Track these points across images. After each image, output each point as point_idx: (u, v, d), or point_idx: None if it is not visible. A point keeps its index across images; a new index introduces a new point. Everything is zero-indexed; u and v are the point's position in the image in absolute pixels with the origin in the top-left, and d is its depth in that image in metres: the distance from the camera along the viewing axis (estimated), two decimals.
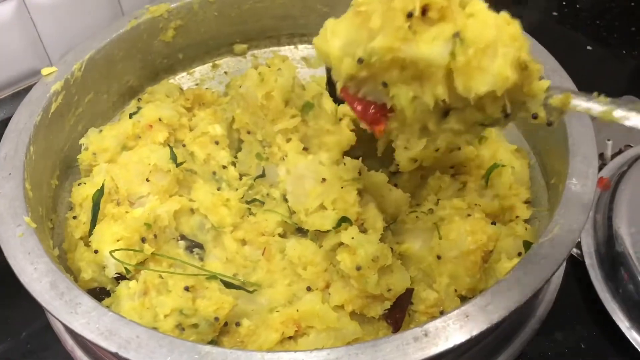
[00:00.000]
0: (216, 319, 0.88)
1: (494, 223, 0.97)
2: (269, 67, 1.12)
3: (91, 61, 1.13)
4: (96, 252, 0.96)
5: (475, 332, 0.74)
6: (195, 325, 0.88)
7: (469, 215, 0.95)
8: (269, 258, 0.99)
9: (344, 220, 0.93)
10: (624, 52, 1.57)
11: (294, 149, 1.07)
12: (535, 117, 0.71)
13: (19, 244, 0.85)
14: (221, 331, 0.92)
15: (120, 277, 0.98)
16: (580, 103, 0.70)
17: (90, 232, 1.00)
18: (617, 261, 1.06)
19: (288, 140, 1.09)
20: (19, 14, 1.29)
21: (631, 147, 1.26)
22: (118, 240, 0.97)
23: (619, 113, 0.67)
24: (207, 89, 1.27)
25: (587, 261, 1.10)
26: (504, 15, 0.68)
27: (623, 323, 1.03)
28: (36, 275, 0.82)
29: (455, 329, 0.74)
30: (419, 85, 0.70)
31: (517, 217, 1.02)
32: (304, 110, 1.11)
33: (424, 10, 0.66)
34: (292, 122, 1.09)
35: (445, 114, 0.73)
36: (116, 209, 1.01)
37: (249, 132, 1.14)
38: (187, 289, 0.90)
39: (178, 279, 0.91)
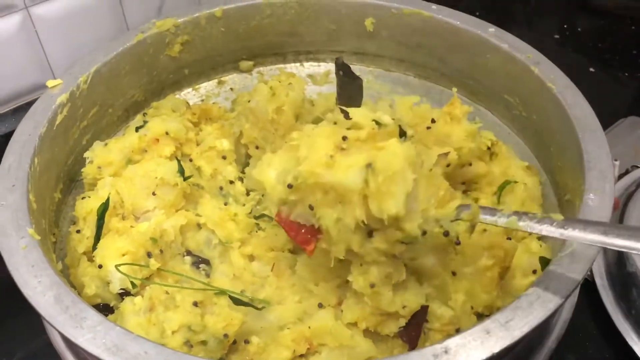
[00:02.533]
0: (225, 335, 0.85)
1: (509, 239, 0.96)
2: (279, 82, 1.10)
3: (97, 74, 1.12)
4: (100, 266, 0.94)
5: (496, 349, 0.71)
6: (203, 342, 0.85)
7: (485, 230, 0.93)
8: (278, 274, 0.97)
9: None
10: (626, 74, 1.59)
11: None
12: (446, 234, 0.80)
13: (23, 256, 0.82)
14: (230, 349, 0.89)
15: (124, 294, 0.95)
16: (486, 217, 0.80)
17: (94, 247, 0.97)
18: (628, 282, 1.05)
19: None
20: (24, 27, 1.28)
21: (638, 167, 1.27)
22: (123, 255, 0.94)
23: (522, 223, 0.77)
24: (214, 103, 1.25)
25: (599, 282, 1.09)
26: (409, 145, 0.78)
27: (637, 344, 1.02)
28: (40, 288, 0.79)
29: (476, 346, 0.72)
30: (341, 208, 0.79)
31: (530, 234, 1.01)
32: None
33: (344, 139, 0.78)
34: None
35: (370, 234, 0.81)
36: (121, 223, 0.99)
37: (257, 147, 1.12)
38: (195, 304, 0.87)
39: (186, 294, 0.88)
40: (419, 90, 1.29)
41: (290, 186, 0.80)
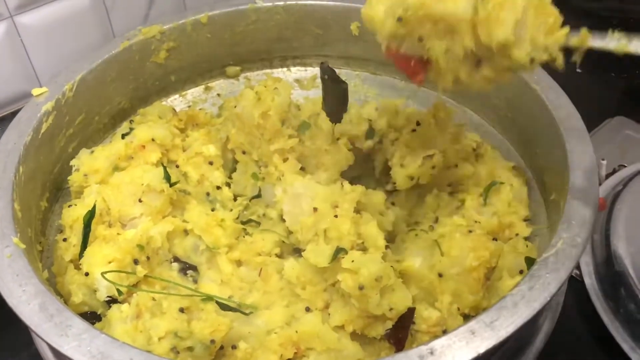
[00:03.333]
0: (212, 341, 0.85)
1: (494, 239, 0.96)
2: (265, 87, 1.11)
3: (83, 82, 1.12)
4: (87, 274, 0.93)
5: (482, 350, 0.71)
6: (190, 349, 0.85)
7: (470, 231, 0.93)
8: (265, 279, 0.97)
9: (339, 252, 0.91)
10: (613, 74, 1.59)
11: (291, 168, 1.06)
12: (554, 60, 0.79)
13: (7, 265, 0.82)
14: (217, 354, 0.89)
15: (111, 301, 0.95)
16: (597, 41, 0.78)
17: (81, 255, 0.97)
18: (617, 281, 1.05)
19: (285, 160, 1.08)
20: (9, 36, 1.27)
21: (625, 166, 1.27)
22: (110, 262, 0.94)
23: (634, 45, 0.76)
24: (200, 109, 1.25)
25: (587, 281, 1.09)
26: None
27: (626, 343, 1.01)
28: (25, 297, 0.78)
29: (462, 347, 0.72)
30: (450, 38, 0.80)
31: (516, 234, 1.01)
32: (301, 130, 1.10)
33: None
34: (290, 142, 1.08)
35: (478, 63, 0.82)
36: (107, 230, 0.99)
37: (244, 152, 1.12)
38: (182, 310, 0.87)
39: (172, 300, 0.88)
40: (405, 93, 1.29)
41: (400, 19, 0.80)
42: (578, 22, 0.79)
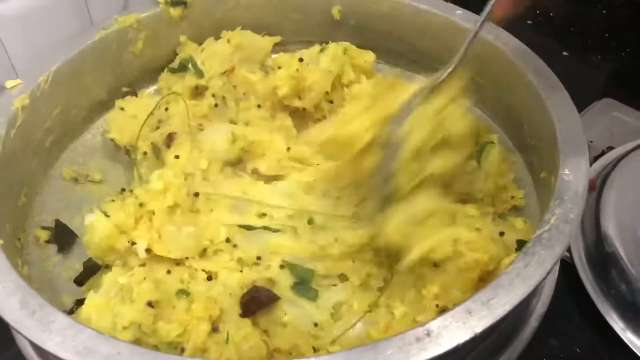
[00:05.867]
0: (182, 350, 0.80)
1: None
2: None
3: (58, 73, 1.08)
4: None
5: (479, 329, 0.70)
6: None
7: (477, 229, 0.90)
8: None
9: None
10: (600, 57, 1.59)
11: None
12: None
13: None
14: None
15: None
16: None
17: None
18: (607, 262, 1.04)
19: None
20: None
21: (613, 148, 1.26)
22: None
23: None
24: None
25: (578, 263, 1.08)
26: None
27: (617, 324, 1.01)
28: (4, 293, 0.75)
29: (459, 327, 0.70)
30: None
31: (512, 197, 1.02)
32: None
33: None
34: None
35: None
36: None
37: None
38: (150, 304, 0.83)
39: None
40: (389, 77, 1.27)
41: None
42: (565, 7, 0.76)
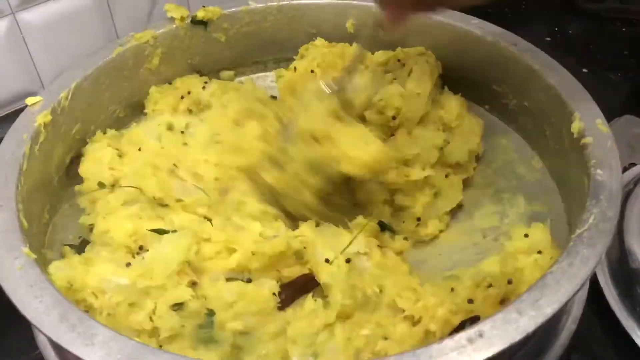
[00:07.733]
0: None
1: None
2: None
3: (78, 89, 1.07)
4: None
5: (530, 329, 0.69)
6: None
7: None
8: None
9: None
10: (619, 74, 1.58)
11: None
12: None
13: (19, 277, 0.77)
14: None
15: None
16: None
17: None
18: (632, 278, 1.03)
19: None
20: (10, 33, 1.22)
21: (635, 165, 1.25)
22: None
23: None
24: None
25: (602, 280, 1.06)
26: None
27: None
28: (42, 308, 0.73)
29: (510, 328, 0.69)
30: None
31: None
32: None
33: None
34: None
35: None
36: None
37: None
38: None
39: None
40: None
41: None
42: (584, 23, 0.77)
